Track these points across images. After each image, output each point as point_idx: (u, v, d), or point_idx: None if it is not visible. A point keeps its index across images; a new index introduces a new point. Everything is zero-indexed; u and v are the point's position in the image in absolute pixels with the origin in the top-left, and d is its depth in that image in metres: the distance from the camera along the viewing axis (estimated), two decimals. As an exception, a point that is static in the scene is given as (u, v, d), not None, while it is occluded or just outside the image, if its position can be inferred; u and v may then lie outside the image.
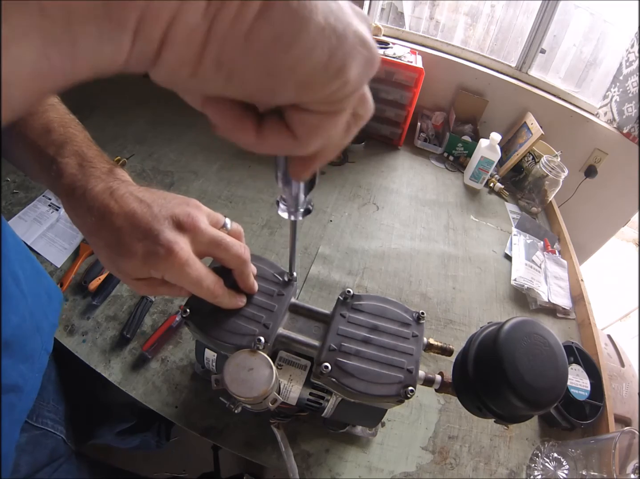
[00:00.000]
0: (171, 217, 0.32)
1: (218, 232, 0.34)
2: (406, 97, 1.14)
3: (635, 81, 1.11)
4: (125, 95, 1.19)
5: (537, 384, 0.35)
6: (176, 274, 0.31)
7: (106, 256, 0.32)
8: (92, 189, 0.31)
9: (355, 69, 0.16)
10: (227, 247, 0.34)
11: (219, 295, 0.35)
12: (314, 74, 0.16)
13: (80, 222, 0.32)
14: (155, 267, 0.30)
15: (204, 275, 0.32)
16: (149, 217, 0.31)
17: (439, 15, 1.67)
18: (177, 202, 0.33)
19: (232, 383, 0.35)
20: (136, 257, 0.30)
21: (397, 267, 0.84)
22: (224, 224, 0.37)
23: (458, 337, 0.73)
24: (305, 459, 0.53)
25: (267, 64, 0.15)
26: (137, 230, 0.30)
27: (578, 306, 0.85)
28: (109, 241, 0.31)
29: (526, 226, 1.02)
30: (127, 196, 0.32)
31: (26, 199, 0.79)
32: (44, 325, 0.48)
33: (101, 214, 0.30)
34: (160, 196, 0.33)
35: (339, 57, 0.16)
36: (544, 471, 0.56)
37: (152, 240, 0.30)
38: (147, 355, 0.58)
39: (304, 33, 0.14)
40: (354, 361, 0.39)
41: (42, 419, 0.53)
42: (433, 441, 0.58)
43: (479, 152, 1.08)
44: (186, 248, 0.31)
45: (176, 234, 0.31)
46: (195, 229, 0.32)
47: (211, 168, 0.98)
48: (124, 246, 0.30)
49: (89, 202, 0.31)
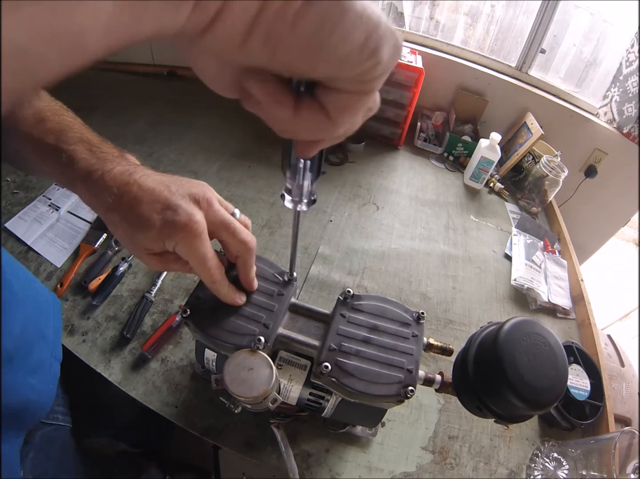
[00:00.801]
0: (188, 195, 0.33)
1: (229, 215, 0.36)
2: (406, 97, 1.14)
3: (635, 81, 1.11)
4: (125, 95, 1.19)
5: (537, 384, 0.35)
6: (188, 245, 0.32)
7: (123, 230, 0.33)
8: (110, 171, 0.33)
9: (387, 51, 0.18)
10: (235, 232, 0.35)
11: (217, 280, 0.36)
12: (351, 53, 0.17)
13: (97, 202, 0.33)
14: (170, 237, 0.32)
15: (210, 255, 0.34)
16: (167, 193, 0.32)
17: (439, 15, 1.67)
18: (192, 184, 0.35)
19: (232, 383, 0.35)
20: (154, 228, 0.31)
21: (397, 267, 0.84)
22: (233, 213, 0.38)
23: (458, 337, 0.73)
24: (305, 459, 0.53)
25: (311, 43, 0.16)
26: (156, 204, 0.32)
27: (578, 306, 0.85)
28: (126, 215, 0.32)
29: (526, 226, 1.02)
30: (145, 177, 0.33)
31: (26, 199, 0.79)
32: (49, 331, 0.48)
33: (120, 192, 0.32)
34: (176, 178, 0.35)
35: (373, 40, 0.17)
36: (544, 471, 0.56)
37: (172, 211, 0.31)
38: (147, 355, 0.58)
39: (345, 18, 0.16)
40: (354, 361, 0.39)
41: (54, 415, 0.54)
42: (433, 441, 0.58)
43: (479, 152, 1.08)
44: (202, 221, 0.33)
45: (194, 207, 0.33)
46: (210, 207, 0.34)
47: (211, 168, 0.98)
48: (142, 218, 0.31)
49: (108, 183, 0.32)
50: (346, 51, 0.17)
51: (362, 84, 0.20)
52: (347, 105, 0.20)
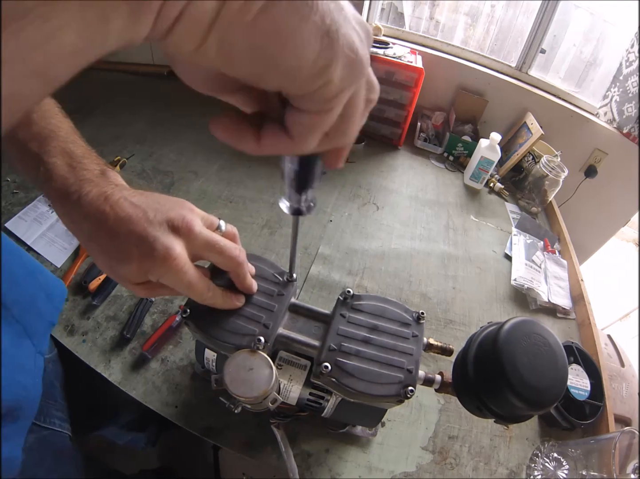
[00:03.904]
0: (166, 222, 0.32)
1: (213, 235, 0.34)
2: (406, 97, 1.14)
3: (635, 81, 1.11)
4: (125, 95, 1.19)
5: (537, 384, 0.35)
6: (172, 278, 0.31)
7: (103, 261, 0.32)
8: (87, 194, 0.31)
9: (340, 71, 0.18)
10: (221, 250, 0.34)
11: (208, 297, 0.35)
12: (301, 69, 0.17)
13: (75, 228, 0.32)
14: (152, 272, 0.31)
15: (195, 280, 0.33)
16: (144, 222, 0.31)
17: (439, 15, 1.67)
18: (171, 206, 0.33)
19: (232, 383, 0.35)
20: (133, 262, 0.30)
21: (397, 267, 0.84)
22: (219, 226, 0.37)
23: (458, 337, 0.73)
24: (305, 459, 0.53)
25: (261, 53, 0.16)
26: (133, 236, 0.30)
27: (578, 306, 0.85)
28: (105, 247, 0.31)
29: (526, 226, 1.02)
30: (122, 201, 0.31)
31: (26, 199, 0.79)
32: (37, 327, 0.48)
33: (97, 220, 0.30)
34: (154, 200, 0.33)
35: (325, 57, 0.17)
36: (544, 471, 0.56)
37: (149, 245, 0.30)
38: (147, 355, 0.58)
39: (300, 31, 0.16)
40: (354, 361, 0.39)
41: (50, 419, 0.53)
42: (433, 441, 0.58)
43: (479, 152, 1.08)
44: (183, 253, 0.31)
45: (172, 239, 0.31)
46: (190, 232, 0.32)
47: (211, 168, 0.98)
48: (121, 251, 0.30)
49: (84, 209, 0.31)
50: (295, 66, 0.17)
51: (318, 104, 0.19)
52: (307, 125, 0.20)
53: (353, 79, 0.19)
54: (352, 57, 0.18)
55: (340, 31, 0.17)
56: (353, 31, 0.17)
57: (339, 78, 0.18)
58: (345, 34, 0.17)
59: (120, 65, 1.26)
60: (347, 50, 0.17)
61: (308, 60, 0.17)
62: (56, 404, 0.55)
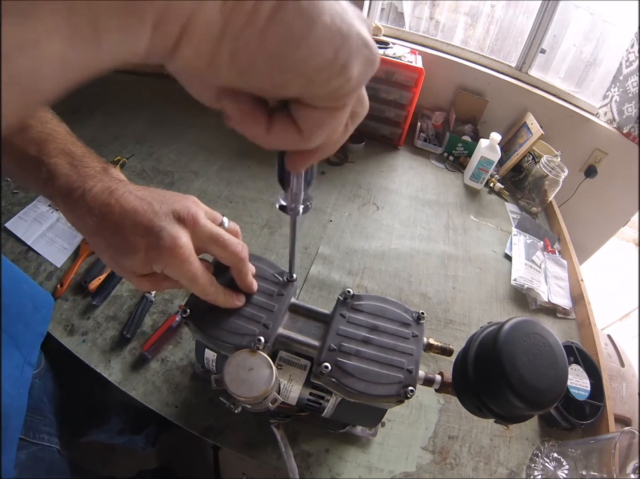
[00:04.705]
0: (172, 213, 0.32)
1: (217, 228, 0.35)
2: (406, 97, 1.14)
3: (635, 81, 1.11)
4: (125, 95, 1.19)
5: (537, 384, 0.35)
6: (177, 268, 0.31)
7: (108, 255, 0.32)
8: (90, 189, 0.31)
9: (357, 67, 0.18)
10: (225, 244, 0.34)
11: (211, 292, 0.35)
12: (320, 70, 0.17)
13: (80, 223, 0.32)
14: (157, 261, 0.31)
15: (199, 273, 0.33)
16: (150, 214, 0.31)
17: (439, 15, 1.67)
18: (176, 199, 0.34)
19: (232, 383, 0.35)
20: (139, 253, 0.30)
21: (397, 267, 0.84)
22: (222, 222, 0.37)
23: (458, 337, 0.73)
24: (305, 459, 0.53)
25: (277, 60, 0.16)
26: (139, 227, 0.30)
27: (578, 306, 0.85)
28: (110, 240, 0.31)
29: (526, 226, 1.02)
30: (127, 194, 0.32)
31: (26, 199, 0.79)
32: (25, 337, 0.47)
33: (102, 214, 0.30)
34: (159, 193, 0.34)
35: (343, 56, 0.17)
36: (544, 471, 0.56)
37: (155, 235, 0.30)
38: (147, 355, 0.58)
39: (312, 33, 0.16)
40: (354, 361, 0.39)
41: (39, 435, 0.53)
42: (433, 441, 0.58)
43: (479, 152, 1.08)
44: (188, 243, 0.32)
45: (178, 229, 0.32)
46: (196, 224, 0.33)
47: (211, 168, 0.98)
48: (127, 243, 0.30)
49: (89, 204, 0.31)
50: (314, 68, 0.17)
51: (333, 101, 0.19)
52: (319, 121, 0.20)
53: (369, 75, 0.19)
54: (368, 54, 0.18)
55: (352, 29, 0.17)
56: (362, 29, 0.17)
57: (357, 75, 0.18)
58: (358, 33, 0.17)
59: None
60: (362, 47, 0.17)
61: (325, 61, 0.17)
62: (45, 420, 0.55)
